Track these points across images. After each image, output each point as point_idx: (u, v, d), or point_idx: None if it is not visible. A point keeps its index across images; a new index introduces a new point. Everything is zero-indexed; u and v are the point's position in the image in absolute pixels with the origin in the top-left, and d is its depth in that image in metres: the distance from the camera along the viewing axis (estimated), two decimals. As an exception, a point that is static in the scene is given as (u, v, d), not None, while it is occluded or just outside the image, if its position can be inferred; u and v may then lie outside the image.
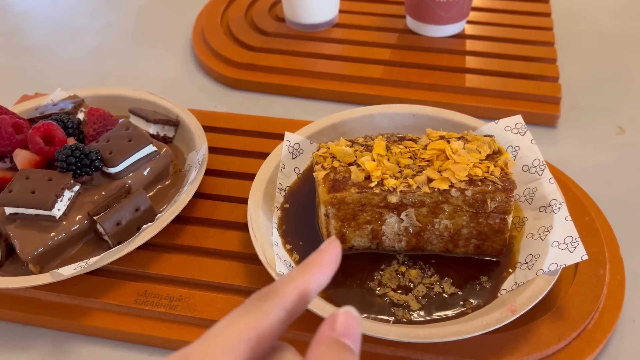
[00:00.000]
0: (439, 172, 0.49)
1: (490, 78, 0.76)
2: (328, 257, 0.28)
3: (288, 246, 0.53)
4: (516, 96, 0.73)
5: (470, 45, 0.82)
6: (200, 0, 0.99)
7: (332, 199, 0.48)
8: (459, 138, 0.53)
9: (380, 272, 0.51)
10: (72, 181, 0.52)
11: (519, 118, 0.58)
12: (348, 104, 0.77)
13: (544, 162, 0.55)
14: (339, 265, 0.28)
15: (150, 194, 0.57)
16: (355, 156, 0.51)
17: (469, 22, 0.86)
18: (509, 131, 0.57)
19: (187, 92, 0.81)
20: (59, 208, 0.51)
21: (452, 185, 0.48)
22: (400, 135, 0.54)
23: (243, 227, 0.57)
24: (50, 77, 0.85)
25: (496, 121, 0.58)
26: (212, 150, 0.64)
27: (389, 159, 0.51)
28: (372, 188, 0.48)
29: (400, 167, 0.50)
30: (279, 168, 0.59)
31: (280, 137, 0.69)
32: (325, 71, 0.79)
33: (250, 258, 0.54)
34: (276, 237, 0.53)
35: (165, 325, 0.50)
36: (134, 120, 0.63)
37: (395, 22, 0.88)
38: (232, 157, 0.66)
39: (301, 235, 0.54)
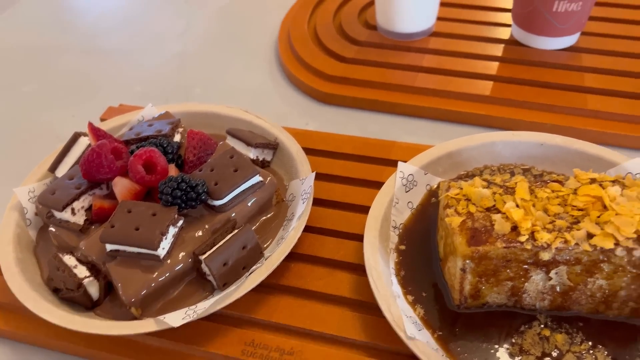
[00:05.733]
0: (598, 225, 0.42)
1: (617, 99, 0.68)
2: None
3: (410, 297, 0.47)
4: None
5: (587, 60, 0.74)
6: (284, 2, 0.94)
7: (472, 253, 0.42)
8: (613, 182, 0.46)
9: (521, 335, 0.44)
10: (176, 216, 0.48)
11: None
12: (453, 124, 0.71)
13: None
14: (471, 323, 0.24)
15: (254, 227, 0.52)
16: (495, 200, 0.45)
17: (582, 33, 0.78)
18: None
19: (275, 106, 0.76)
20: (164, 247, 0.46)
21: (617, 244, 0.41)
22: (537, 173, 0.48)
23: (352, 267, 0.52)
24: (133, 85, 0.81)
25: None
26: (310, 175, 0.59)
27: (534, 205, 0.44)
28: (522, 243, 0.42)
29: (549, 215, 0.43)
30: (392, 203, 0.53)
31: (383, 162, 0.63)
32: (426, 86, 0.72)
33: (364, 306, 0.49)
34: (396, 287, 0.48)
35: (276, 381, 0.45)
36: (232, 142, 0.59)
37: (498, 31, 0.81)
38: (332, 184, 0.60)
39: (423, 284, 0.48)
